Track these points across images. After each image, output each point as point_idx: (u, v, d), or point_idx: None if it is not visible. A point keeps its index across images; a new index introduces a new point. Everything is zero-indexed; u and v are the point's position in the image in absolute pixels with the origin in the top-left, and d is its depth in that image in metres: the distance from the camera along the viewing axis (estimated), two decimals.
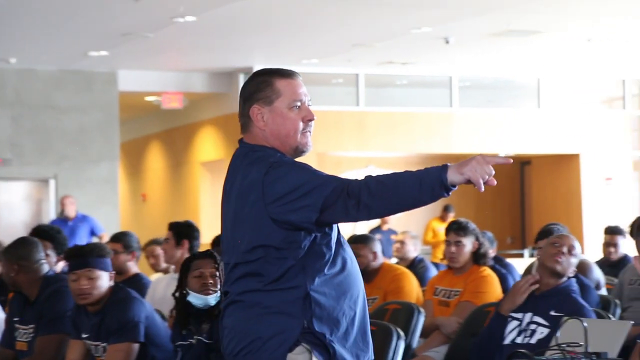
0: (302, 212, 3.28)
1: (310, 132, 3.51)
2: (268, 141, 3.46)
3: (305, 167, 3.36)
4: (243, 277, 3.39)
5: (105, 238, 12.31)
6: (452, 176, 3.18)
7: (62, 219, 13.91)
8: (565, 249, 5.41)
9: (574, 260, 5.43)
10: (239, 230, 3.41)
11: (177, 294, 5.06)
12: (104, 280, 5.27)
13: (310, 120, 3.50)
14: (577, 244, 5.51)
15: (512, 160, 3.33)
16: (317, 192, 3.26)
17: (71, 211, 13.94)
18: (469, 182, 3.18)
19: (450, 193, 3.21)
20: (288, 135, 3.46)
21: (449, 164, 3.21)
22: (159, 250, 8.53)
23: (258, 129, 3.47)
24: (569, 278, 5.61)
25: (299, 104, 3.47)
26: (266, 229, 3.33)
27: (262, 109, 3.46)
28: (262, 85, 3.48)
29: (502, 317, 5.34)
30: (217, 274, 4.98)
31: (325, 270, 3.40)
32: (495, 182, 3.23)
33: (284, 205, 3.30)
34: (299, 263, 3.36)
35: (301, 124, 3.48)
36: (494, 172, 3.21)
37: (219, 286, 4.95)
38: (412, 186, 3.19)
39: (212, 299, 4.96)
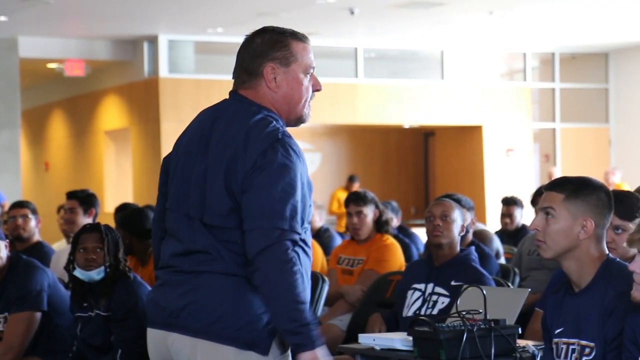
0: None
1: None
2: (275, 104, 3.28)
3: (296, 182, 3.15)
4: (221, 243, 3.16)
5: (7, 206, 12.11)
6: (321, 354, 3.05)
7: None
8: (438, 220, 5.21)
9: (455, 224, 5.21)
10: (212, 187, 3.18)
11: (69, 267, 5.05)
12: None
13: (318, 90, 3.36)
14: (452, 205, 5.27)
15: None
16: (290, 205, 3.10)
17: None
18: None
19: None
20: (298, 102, 3.30)
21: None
22: None
23: (268, 89, 3.27)
24: (469, 246, 5.66)
25: (312, 71, 3.33)
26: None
27: (278, 69, 3.26)
28: (278, 44, 3.27)
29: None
30: (104, 247, 4.97)
31: None
32: None
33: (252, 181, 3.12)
34: None
35: (310, 93, 3.34)
36: None
37: (105, 259, 4.94)
38: (293, 301, 3.04)
39: (95, 274, 4.95)
